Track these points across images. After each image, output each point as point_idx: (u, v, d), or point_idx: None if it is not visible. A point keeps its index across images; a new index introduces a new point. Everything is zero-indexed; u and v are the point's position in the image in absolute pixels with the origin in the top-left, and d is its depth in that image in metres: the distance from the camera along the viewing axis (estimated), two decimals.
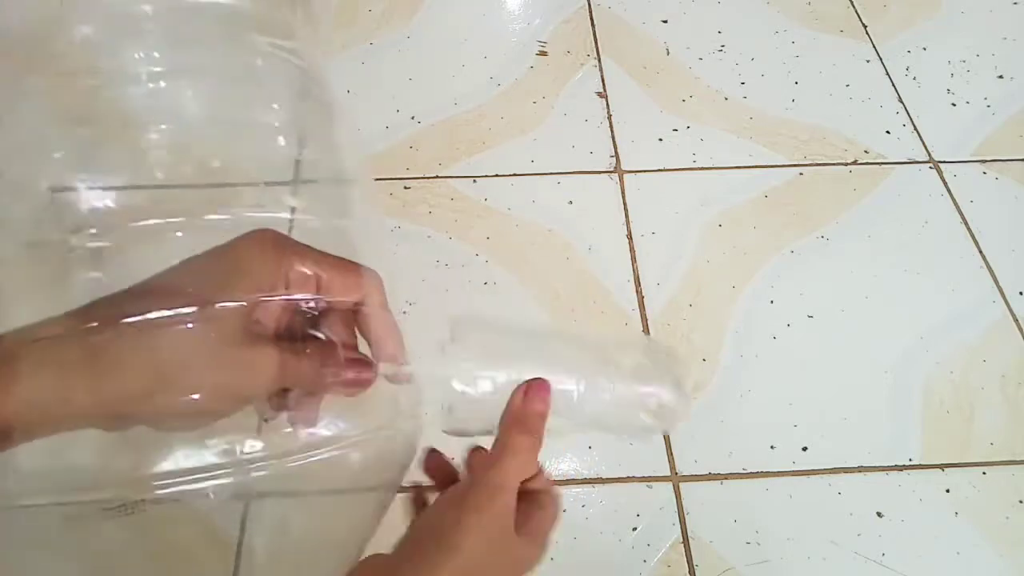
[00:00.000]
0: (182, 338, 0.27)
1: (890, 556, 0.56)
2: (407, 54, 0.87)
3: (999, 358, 0.65)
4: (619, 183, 0.76)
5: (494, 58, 0.86)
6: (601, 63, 0.86)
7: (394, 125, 0.80)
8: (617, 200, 0.75)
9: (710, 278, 0.69)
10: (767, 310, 0.68)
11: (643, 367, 0.42)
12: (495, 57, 0.87)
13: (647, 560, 0.56)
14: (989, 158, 0.78)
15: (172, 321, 0.26)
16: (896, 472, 0.59)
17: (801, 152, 0.79)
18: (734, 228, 0.73)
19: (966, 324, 0.67)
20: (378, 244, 0.48)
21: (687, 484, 0.59)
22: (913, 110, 0.82)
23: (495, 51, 0.87)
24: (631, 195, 0.75)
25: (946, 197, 0.75)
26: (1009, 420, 0.62)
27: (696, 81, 0.85)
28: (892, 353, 0.65)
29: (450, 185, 0.76)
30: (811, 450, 0.60)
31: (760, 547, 0.56)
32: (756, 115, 0.82)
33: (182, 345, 0.27)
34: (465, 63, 0.86)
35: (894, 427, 0.61)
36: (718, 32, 0.89)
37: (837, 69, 0.86)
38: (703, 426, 0.61)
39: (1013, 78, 0.85)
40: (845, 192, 0.76)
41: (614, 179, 0.76)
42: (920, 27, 0.90)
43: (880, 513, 0.58)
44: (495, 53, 0.87)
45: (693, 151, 0.79)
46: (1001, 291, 0.69)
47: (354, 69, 0.85)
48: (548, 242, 0.72)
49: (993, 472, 0.59)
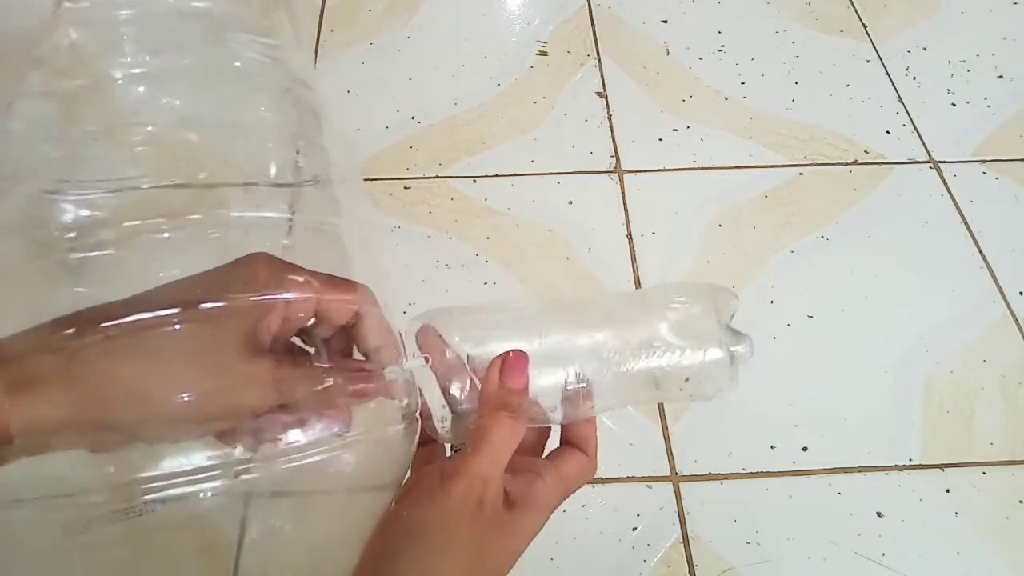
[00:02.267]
0: (168, 342, 0.26)
1: (890, 556, 0.56)
2: (407, 54, 0.87)
3: (999, 358, 0.65)
4: (619, 183, 0.76)
5: (494, 58, 0.86)
6: (601, 63, 0.86)
7: (394, 125, 0.80)
8: (617, 200, 0.75)
9: (710, 278, 0.69)
10: (767, 310, 0.68)
11: (665, 330, 0.38)
12: (495, 57, 0.87)
13: (647, 560, 0.56)
14: (989, 158, 0.78)
15: (158, 323, 0.26)
16: (896, 472, 0.59)
17: (801, 152, 0.79)
18: (734, 228, 0.73)
19: (966, 324, 0.67)
20: (369, 244, 0.48)
21: (687, 484, 0.59)
22: (913, 110, 0.82)
23: (495, 51, 0.87)
24: (631, 195, 0.75)
25: (946, 197, 0.75)
26: (1009, 420, 0.62)
27: (696, 81, 0.85)
28: (892, 353, 0.65)
29: (450, 185, 0.76)
30: (811, 450, 0.60)
31: (760, 547, 0.56)
32: (756, 115, 0.82)
33: (167, 349, 0.26)
34: (465, 63, 0.86)
35: (894, 427, 0.61)
36: (718, 32, 0.89)
37: (837, 69, 0.86)
38: (703, 426, 0.61)
39: (1013, 78, 0.85)
40: (845, 192, 0.76)
41: (614, 179, 0.76)
42: (920, 27, 0.90)
43: (880, 513, 0.58)
44: (495, 53, 0.87)
45: (693, 151, 0.79)
46: (1001, 291, 0.69)
47: (354, 69, 0.85)
48: (548, 242, 0.72)
49: (993, 472, 0.59)
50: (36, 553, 0.46)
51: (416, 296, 0.67)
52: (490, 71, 0.85)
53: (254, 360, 0.27)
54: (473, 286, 0.69)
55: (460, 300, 0.68)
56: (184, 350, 0.26)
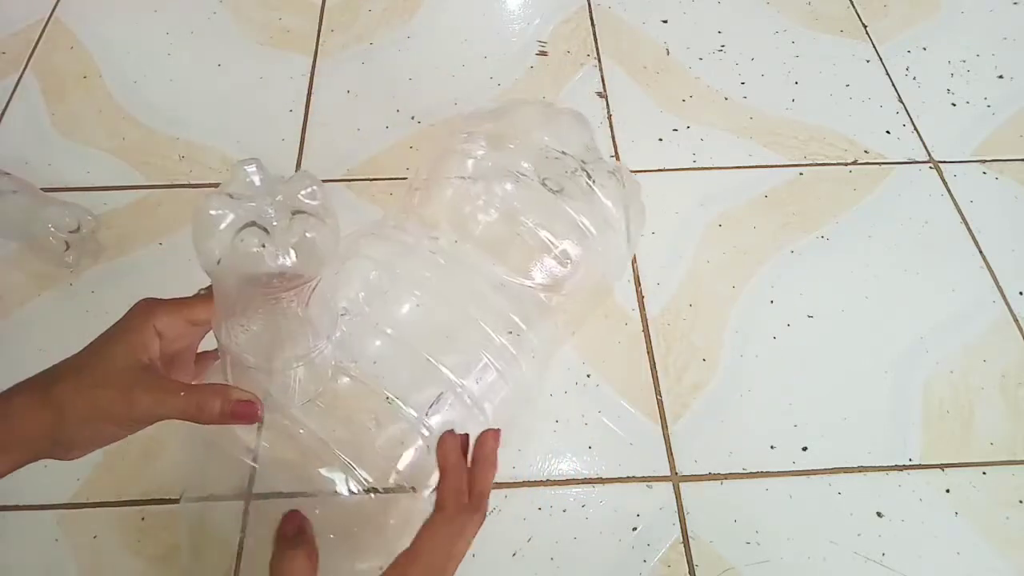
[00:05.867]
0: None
1: (890, 556, 0.56)
2: (407, 54, 0.87)
3: (999, 358, 0.65)
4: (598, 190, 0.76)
5: (494, 58, 0.86)
6: (601, 63, 0.86)
7: (394, 125, 0.80)
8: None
9: (710, 278, 0.69)
10: (767, 310, 0.68)
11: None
12: (495, 57, 0.87)
13: (647, 560, 0.56)
14: (989, 158, 0.78)
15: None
16: (896, 472, 0.59)
17: (801, 152, 0.79)
18: (734, 228, 0.73)
19: (966, 324, 0.67)
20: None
21: (687, 484, 0.59)
22: (913, 110, 0.82)
23: (495, 51, 0.87)
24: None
25: (946, 197, 0.75)
26: (1009, 420, 0.62)
27: (696, 81, 0.85)
28: (892, 353, 0.65)
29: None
30: (811, 450, 0.60)
31: (760, 547, 0.56)
32: (756, 115, 0.82)
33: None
34: (465, 63, 0.86)
35: (894, 427, 0.61)
36: (718, 32, 0.89)
37: (837, 69, 0.86)
38: (703, 426, 0.61)
39: (1013, 78, 0.85)
40: (845, 192, 0.76)
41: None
42: (920, 27, 0.90)
43: (880, 513, 0.58)
44: (495, 53, 0.87)
45: (693, 151, 0.79)
46: (1001, 291, 0.69)
47: (354, 69, 0.85)
48: None
49: (993, 472, 0.59)
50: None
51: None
52: (490, 71, 0.85)
53: (136, 383, 0.35)
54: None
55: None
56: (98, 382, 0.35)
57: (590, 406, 0.62)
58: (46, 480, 0.58)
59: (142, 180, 0.75)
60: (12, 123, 0.80)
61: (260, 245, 0.31)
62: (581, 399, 0.63)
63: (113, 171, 0.76)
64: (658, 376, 0.64)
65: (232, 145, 0.78)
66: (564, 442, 0.61)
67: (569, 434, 0.61)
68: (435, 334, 0.49)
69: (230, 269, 0.32)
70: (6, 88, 0.82)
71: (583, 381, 0.63)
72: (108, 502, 0.57)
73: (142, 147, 0.78)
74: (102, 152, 0.77)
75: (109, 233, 0.71)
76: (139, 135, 0.79)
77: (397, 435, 0.45)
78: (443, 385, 0.47)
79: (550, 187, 0.55)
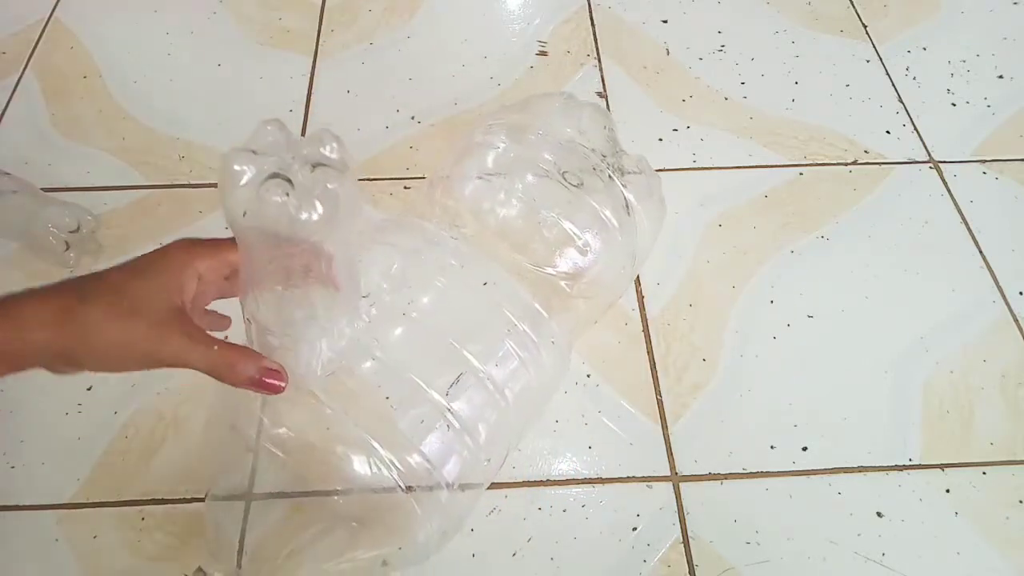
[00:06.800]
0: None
1: (890, 556, 0.56)
2: (407, 54, 0.87)
3: (999, 358, 0.65)
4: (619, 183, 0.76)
5: (494, 58, 0.86)
6: (601, 63, 0.86)
7: (394, 125, 0.80)
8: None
9: (710, 278, 0.69)
10: (767, 310, 0.68)
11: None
12: (495, 57, 0.87)
13: (647, 560, 0.56)
14: (989, 158, 0.78)
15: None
16: (896, 472, 0.59)
17: (801, 152, 0.79)
18: (734, 228, 0.73)
19: (966, 324, 0.67)
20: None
21: (687, 484, 0.59)
22: (913, 110, 0.82)
23: (495, 51, 0.87)
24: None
25: (946, 197, 0.75)
26: (1009, 420, 0.62)
27: (696, 81, 0.85)
28: (892, 353, 0.65)
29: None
30: (811, 450, 0.60)
31: (760, 547, 0.56)
32: (756, 115, 0.82)
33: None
34: (465, 63, 0.86)
35: (894, 427, 0.61)
36: (718, 32, 0.89)
37: (837, 69, 0.86)
38: (703, 426, 0.61)
39: (1013, 78, 0.85)
40: (845, 192, 0.76)
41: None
42: (920, 27, 0.90)
43: (880, 513, 0.58)
44: (495, 53, 0.87)
45: (693, 151, 0.79)
46: (1001, 291, 0.69)
47: (354, 69, 0.85)
48: None
49: (993, 472, 0.59)
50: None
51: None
52: (490, 71, 0.85)
53: (165, 325, 0.34)
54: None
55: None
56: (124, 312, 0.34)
57: (590, 406, 0.62)
58: (46, 480, 0.58)
59: (142, 180, 0.75)
60: (12, 123, 0.80)
61: (284, 195, 0.32)
62: (581, 399, 0.63)
63: (113, 171, 0.76)
64: (658, 376, 0.64)
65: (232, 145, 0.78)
66: (564, 442, 0.61)
67: (569, 434, 0.61)
68: (458, 320, 0.49)
69: (256, 221, 0.32)
70: (6, 88, 0.83)
71: (583, 381, 0.63)
72: (108, 502, 0.57)
73: (142, 147, 0.78)
74: (102, 152, 0.77)
75: (109, 233, 0.71)
76: (139, 135, 0.79)
77: (419, 417, 0.45)
78: (466, 369, 0.47)
79: (571, 180, 0.56)
